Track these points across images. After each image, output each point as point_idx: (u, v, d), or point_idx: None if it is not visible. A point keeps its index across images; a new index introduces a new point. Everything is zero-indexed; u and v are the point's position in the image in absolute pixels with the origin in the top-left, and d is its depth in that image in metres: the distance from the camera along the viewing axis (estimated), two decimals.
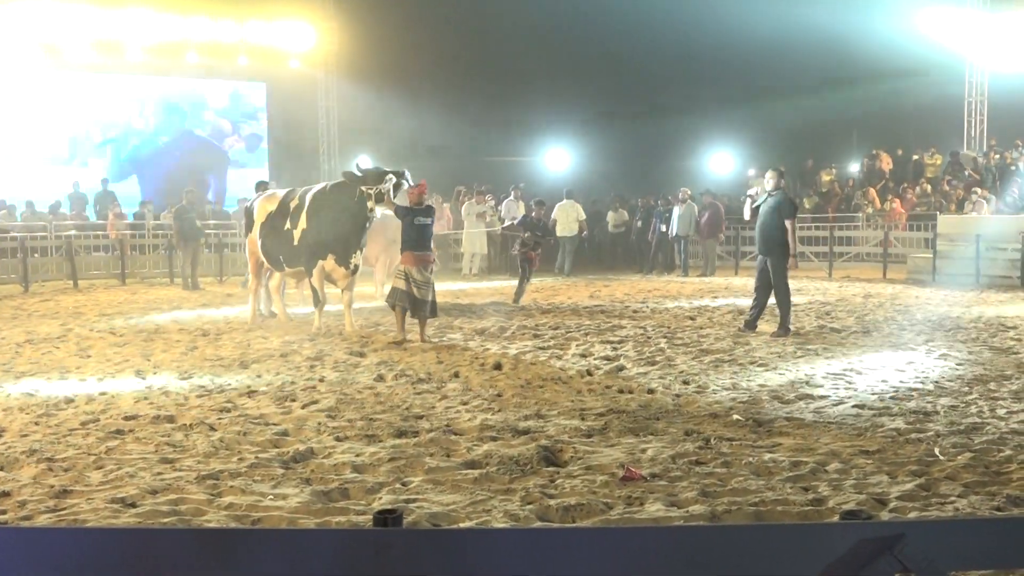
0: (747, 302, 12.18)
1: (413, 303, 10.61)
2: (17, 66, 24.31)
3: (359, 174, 11.13)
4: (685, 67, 28.58)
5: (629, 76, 30.35)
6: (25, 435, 6.45)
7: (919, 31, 24.60)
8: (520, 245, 15.19)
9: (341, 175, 11.55)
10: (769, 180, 11.68)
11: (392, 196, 10.98)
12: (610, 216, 25.14)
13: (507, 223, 15.65)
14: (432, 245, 11.11)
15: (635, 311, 13.94)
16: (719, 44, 27.32)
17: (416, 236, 10.69)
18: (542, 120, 29.21)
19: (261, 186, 15.21)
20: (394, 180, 10.92)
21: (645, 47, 28.30)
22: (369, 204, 11.00)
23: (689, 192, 22.66)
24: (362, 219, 11.22)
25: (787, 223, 11.22)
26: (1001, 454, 5.73)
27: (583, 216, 21.77)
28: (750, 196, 12.16)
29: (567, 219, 21.30)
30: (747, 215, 11.90)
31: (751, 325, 11.54)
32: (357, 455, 5.82)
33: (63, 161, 25.85)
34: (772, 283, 11.35)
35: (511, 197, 22.68)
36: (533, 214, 15.70)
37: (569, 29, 29.63)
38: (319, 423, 6.73)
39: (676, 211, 22.04)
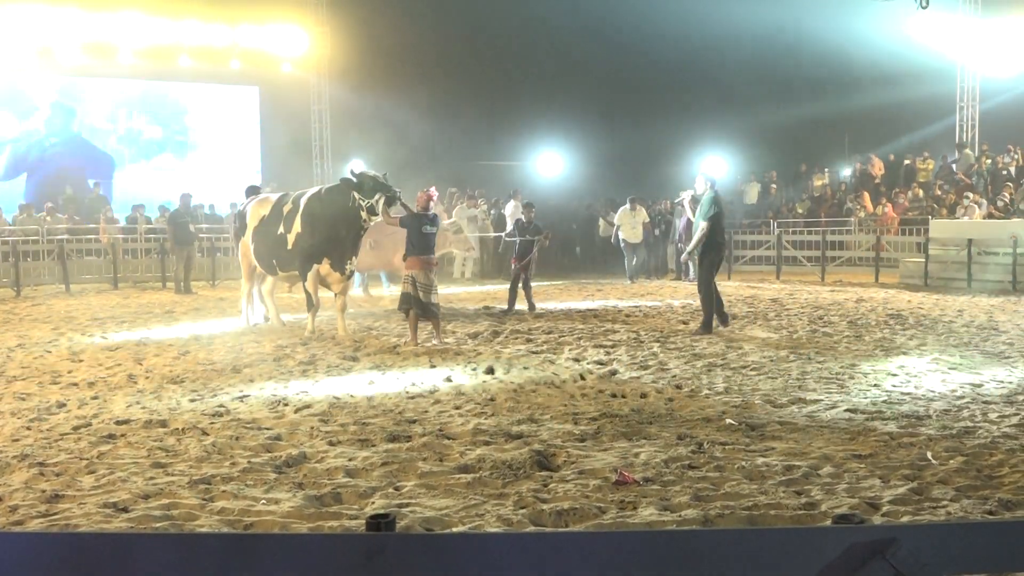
0: (741, 306, 12.23)
1: (420, 306, 10.82)
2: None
3: (354, 180, 11.14)
4: (678, 71, 28.63)
5: (621, 81, 30.39)
6: (16, 439, 6.43)
7: (911, 36, 24.70)
8: (516, 255, 14.76)
9: (339, 180, 11.54)
10: (698, 184, 12.21)
11: (387, 210, 11.04)
12: (602, 221, 25.18)
13: (508, 230, 15.51)
14: (435, 249, 11.37)
15: (628, 315, 13.94)
16: (712, 48, 27.40)
17: (422, 242, 10.92)
18: (534, 124, 29.19)
19: (252, 190, 15.17)
20: (382, 200, 10.95)
21: (637, 52, 28.34)
22: (362, 215, 11.03)
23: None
24: (358, 224, 11.22)
25: (702, 222, 11.66)
26: (993, 458, 5.75)
27: (647, 219, 22.00)
28: (679, 202, 12.87)
29: (631, 225, 21.48)
30: (690, 216, 12.46)
31: (724, 321, 11.92)
32: (350, 459, 5.81)
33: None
34: (697, 280, 11.92)
35: (512, 203, 22.68)
36: (523, 218, 15.46)
37: (562, 34, 29.65)
38: (312, 427, 6.72)
39: (684, 218, 21.75)
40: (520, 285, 14.66)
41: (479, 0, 27.53)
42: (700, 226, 11.62)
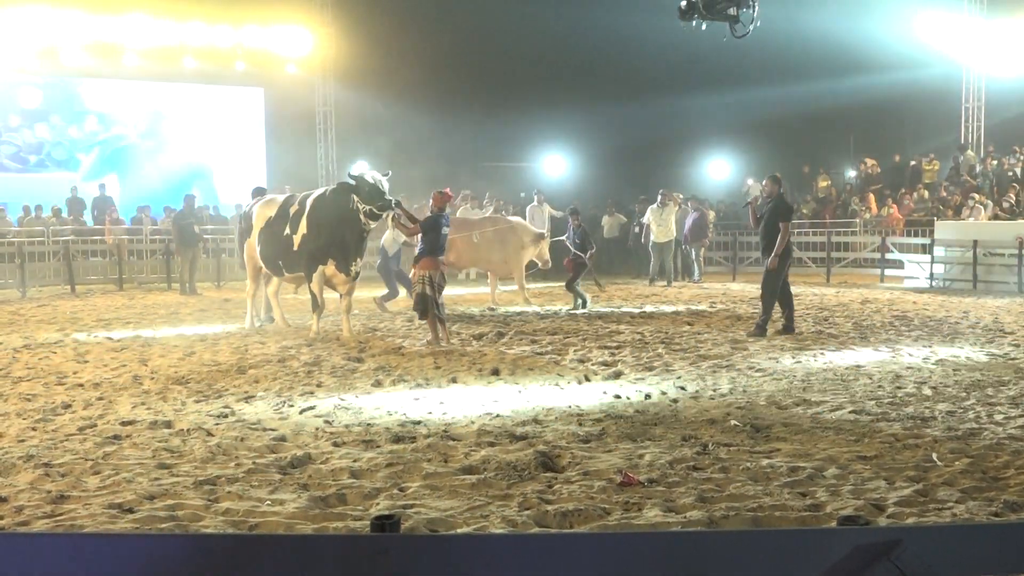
0: (745, 307, 12.22)
1: (437, 307, 10.91)
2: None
3: (352, 182, 11.16)
4: (682, 73, 28.55)
5: (626, 82, 30.34)
6: (22, 440, 6.44)
7: (916, 37, 24.67)
8: (574, 260, 15.25)
9: (339, 183, 11.57)
10: (765, 187, 12.35)
11: (401, 224, 11.30)
12: (605, 221, 25.16)
13: (571, 242, 15.43)
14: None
15: (632, 316, 13.94)
16: (716, 50, 27.33)
17: (439, 243, 11.02)
18: (539, 125, 29.17)
19: (258, 192, 15.18)
20: (379, 212, 11.09)
21: (641, 53, 28.30)
22: (362, 219, 11.06)
23: (681, 196, 22.61)
24: (359, 226, 11.23)
25: (780, 224, 11.60)
26: (999, 460, 5.73)
27: (686, 209, 21.58)
28: (750, 204, 12.85)
29: (659, 223, 20.49)
30: (752, 222, 12.46)
31: (761, 330, 11.69)
32: (355, 460, 5.81)
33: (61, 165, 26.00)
34: (762, 282, 11.86)
35: (535, 203, 22.67)
36: (571, 228, 15.67)
37: (566, 34, 29.62)
38: (316, 428, 6.73)
39: (689, 217, 21.57)
40: (573, 281, 15.30)
41: (484, 1, 27.51)
42: (780, 227, 11.57)
